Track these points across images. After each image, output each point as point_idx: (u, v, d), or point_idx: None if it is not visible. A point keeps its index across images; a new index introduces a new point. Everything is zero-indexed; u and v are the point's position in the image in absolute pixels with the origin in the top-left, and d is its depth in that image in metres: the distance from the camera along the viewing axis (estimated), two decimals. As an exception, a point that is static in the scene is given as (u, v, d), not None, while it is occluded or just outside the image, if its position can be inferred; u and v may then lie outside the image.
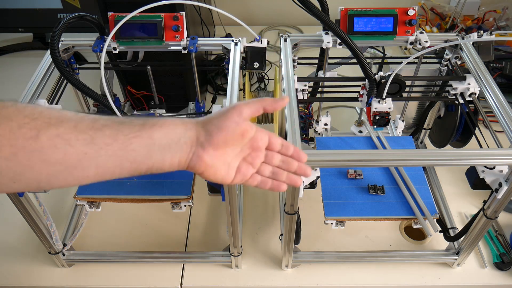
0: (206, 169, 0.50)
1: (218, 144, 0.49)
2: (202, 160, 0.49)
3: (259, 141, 0.53)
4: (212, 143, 0.49)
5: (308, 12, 0.72)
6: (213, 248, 0.94)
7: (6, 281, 0.89)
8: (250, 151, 0.53)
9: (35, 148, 0.40)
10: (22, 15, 1.42)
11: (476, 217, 0.77)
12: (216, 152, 0.50)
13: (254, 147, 0.53)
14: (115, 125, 0.45)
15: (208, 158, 0.49)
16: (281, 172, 0.55)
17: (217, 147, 0.49)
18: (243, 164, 0.53)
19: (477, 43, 0.84)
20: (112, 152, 0.44)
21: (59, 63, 0.72)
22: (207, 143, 0.49)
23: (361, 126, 1.03)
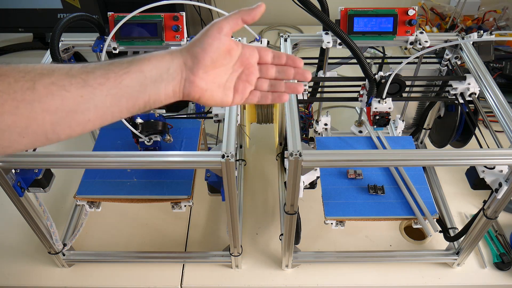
0: (202, 94, 0.50)
1: (206, 65, 0.49)
2: (195, 84, 0.49)
3: (248, 57, 0.53)
4: (200, 65, 0.49)
5: (308, 12, 0.72)
6: (213, 248, 0.94)
7: (6, 281, 0.89)
8: (243, 68, 0.53)
9: (33, 98, 0.42)
10: (22, 15, 1.42)
11: (476, 217, 0.77)
12: (207, 74, 0.50)
13: (245, 64, 0.53)
14: (105, 65, 0.46)
15: (201, 82, 0.49)
16: (279, 82, 0.55)
17: (206, 69, 0.50)
18: (239, 83, 0.53)
19: (477, 43, 0.84)
20: (106, 91, 0.45)
21: (59, 63, 0.72)
22: (196, 67, 0.49)
23: (361, 126, 1.03)
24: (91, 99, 0.45)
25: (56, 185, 0.69)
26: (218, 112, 0.76)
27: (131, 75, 0.46)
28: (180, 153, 0.68)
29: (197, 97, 0.50)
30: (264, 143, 1.19)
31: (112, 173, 0.86)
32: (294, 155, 0.62)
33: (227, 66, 0.52)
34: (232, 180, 0.67)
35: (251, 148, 1.18)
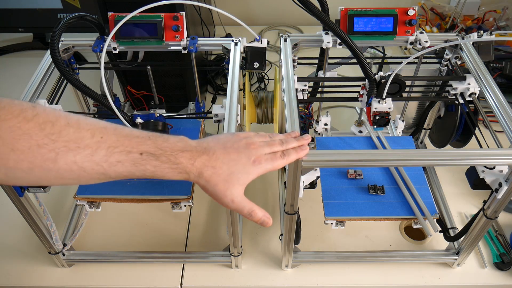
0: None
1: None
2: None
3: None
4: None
5: (308, 12, 0.72)
6: (213, 248, 0.94)
7: (7, 281, 0.89)
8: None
9: (52, 168, 0.45)
10: (22, 15, 1.42)
11: (476, 217, 0.77)
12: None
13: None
14: (129, 165, 0.49)
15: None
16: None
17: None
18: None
19: (477, 43, 0.84)
20: (122, 176, 0.50)
21: (59, 63, 0.72)
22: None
23: (361, 126, 1.03)
24: (106, 179, 0.49)
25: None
26: (218, 112, 0.76)
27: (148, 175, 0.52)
28: (180, 153, 0.68)
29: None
30: (264, 143, 1.19)
31: (112, 173, 0.85)
32: (294, 155, 0.62)
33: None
34: (232, 180, 0.67)
35: (251, 148, 1.18)
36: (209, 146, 0.55)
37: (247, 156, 0.56)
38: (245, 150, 0.56)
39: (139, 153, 0.49)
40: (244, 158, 0.55)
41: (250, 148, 0.57)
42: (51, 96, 0.83)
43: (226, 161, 0.54)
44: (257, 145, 0.57)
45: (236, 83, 0.76)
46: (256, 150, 0.57)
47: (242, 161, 0.55)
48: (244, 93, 0.96)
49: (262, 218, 0.59)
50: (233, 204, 0.56)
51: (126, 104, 1.03)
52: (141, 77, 1.05)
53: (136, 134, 0.51)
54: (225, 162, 0.54)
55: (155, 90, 0.90)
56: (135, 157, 0.49)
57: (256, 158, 0.56)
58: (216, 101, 1.30)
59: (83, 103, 0.97)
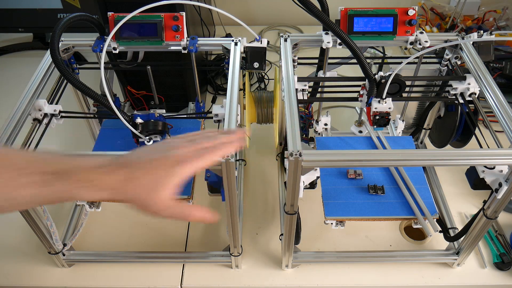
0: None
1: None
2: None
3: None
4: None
5: (308, 12, 0.72)
6: (213, 248, 0.94)
7: (7, 281, 0.89)
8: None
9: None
10: (22, 15, 1.42)
11: (476, 217, 0.77)
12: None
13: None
14: (38, 186, 0.46)
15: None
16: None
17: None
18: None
19: (477, 43, 0.84)
20: (34, 202, 0.48)
21: (59, 63, 0.72)
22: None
23: (361, 126, 1.03)
24: (16, 206, 0.48)
25: (56, 185, 0.70)
26: (218, 112, 0.76)
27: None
28: (180, 153, 0.68)
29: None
30: (264, 143, 1.19)
31: (112, 173, 0.85)
32: (294, 155, 0.62)
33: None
34: (232, 180, 0.67)
35: (251, 148, 1.18)
36: (128, 159, 0.52)
37: (171, 159, 0.52)
38: (167, 153, 0.53)
39: (46, 174, 0.46)
40: (167, 162, 0.52)
41: (172, 149, 0.54)
42: (51, 96, 0.83)
43: (148, 170, 0.51)
44: (180, 145, 0.55)
45: (236, 83, 0.76)
46: (179, 149, 0.54)
47: (165, 165, 0.52)
48: (244, 93, 0.96)
49: (203, 216, 0.56)
50: (168, 211, 0.52)
51: (126, 104, 1.03)
52: (141, 77, 1.05)
53: (42, 156, 0.49)
54: (147, 172, 0.50)
55: (155, 90, 0.90)
56: (41, 178, 0.46)
57: (179, 158, 0.53)
58: (216, 101, 1.30)
59: (83, 103, 0.97)
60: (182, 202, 0.54)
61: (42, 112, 0.78)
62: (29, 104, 0.76)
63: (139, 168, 0.50)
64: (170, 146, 0.54)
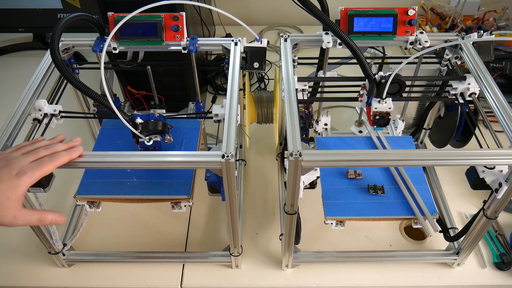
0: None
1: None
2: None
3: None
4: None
5: (308, 12, 0.72)
6: (213, 248, 0.94)
7: (6, 281, 0.89)
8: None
9: None
10: (22, 15, 1.42)
11: (476, 217, 0.77)
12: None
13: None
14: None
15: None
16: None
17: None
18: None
19: (477, 43, 0.84)
20: None
21: (59, 63, 0.72)
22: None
23: (361, 126, 1.03)
24: None
25: (56, 185, 0.69)
26: (218, 112, 0.76)
27: None
28: (180, 153, 0.68)
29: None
30: (264, 143, 1.19)
31: (112, 173, 0.85)
32: (294, 155, 0.62)
33: None
34: (232, 180, 0.67)
35: (251, 148, 1.18)
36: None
37: (9, 172, 0.55)
38: (4, 167, 0.56)
39: None
40: (5, 175, 0.55)
41: (9, 163, 0.57)
42: (51, 96, 0.83)
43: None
44: (17, 158, 0.58)
45: (236, 83, 0.76)
46: (17, 163, 0.57)
47: (4, 179, 0.55)
48: (244, 93, 0.96)
49: (53, 218, 0.60)
50: (18, 220, 0.56)
51: (126, 104, 1.03)
52: (141, 77, 1.05)
53: None
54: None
55: (155, 90, 0.90)
56: None
57: (19, 170, 0.56)
58: (216, 101, 1.30)
59: (83, 103, 0.97)
60: (32, 210, 0.60)
61: (42, 112, 0.78)
62: (29, 104, 0.76)
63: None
64: (9, 159, 0.58)
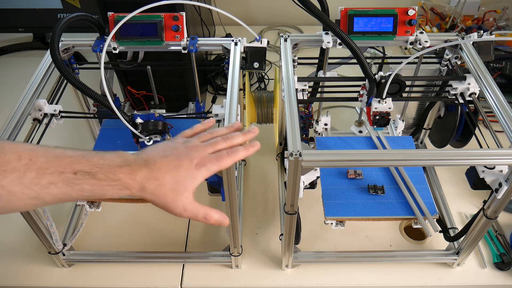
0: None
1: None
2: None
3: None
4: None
5: (308, 12, 0.72)
6: (213, 248, 0.94)
7: (6, 281, 0.89)
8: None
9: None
10: (22, 15, 1.42)
11: (476, 217, 0.77)
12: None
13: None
14: (63, 186, 0.47)
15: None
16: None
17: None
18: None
19: (477, 43, 0.84)
20: (58, 199, 0.48)
21: (59, 63, 0.72)
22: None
23: (361, 126, 1.03)
24: (40, 204, 0.48)
25: (56, 185, 0.70)
26: (218, 112, 0.76)
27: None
28: (180, 153, 0.68)
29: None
30: (264, 143, 1.18)
31: (112, 173, 0.85)
32: (294, 155, 0.62)
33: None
34: (232, 180, 0.67)
35: (251, 148, 1.18)
36: (149, 157, 0.52)
37: (189, 161, 0.53)
38: (186, 154, 0.54)
39: (73, 173, 0.47)
40: (186, 163, 0.53)
41: (191, 151, 0.54)
42: (51, 96, 0.83)
43: (169, 170, 0.52)
44: (198, 147, 0.55)
45: (236, 83, 0.76)
46: (198, 152, 0.55)
47: (184, 166, 0.53)
48: (244, 93, 0.96)
49: (219, 219, 0.58)
50: (186, 212, 0.54)
51: (126, 104, 1.03)
52: (141, 77, 1.05)
53: (69, 154, 0.49)
54: (167, 172, 0.51)
55: (155, 90, 0.90)
56: (68, 177, 0.47)
57: (199, 161, 0.54)
58: (216, 101, 1.30)
59: (83, 103, 0.97)
60: (201, 204, 0.55)
61: (42, 112, 0.78)
62: (29, 104, 0.76)
63: (161, 168, 0.51)
64: (190, 146, 0.55)
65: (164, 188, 0.51)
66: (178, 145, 0.55)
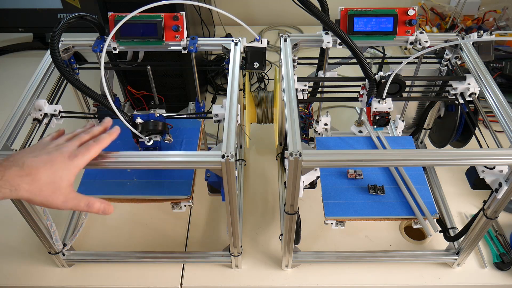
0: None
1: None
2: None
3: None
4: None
5: (308, 12, 0.72)
6: (213, 248, 0.94)
7: (6, 281, 0.89)
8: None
9: None
10: (22, 15, 1.42)
11: (476, 217, 0.77)
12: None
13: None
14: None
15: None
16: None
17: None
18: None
19: (477, 43, 0.84)
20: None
21: (59, 63, 0.72)
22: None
23: (361, 126, 1.03)
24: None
25: (56, 185, 0.70)
26: (218, 112, 0.76)
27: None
28: (180, 153, 0.68)
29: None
30: (264, 143, 1.19)
31: (112, 173, 0.85)
32: (294, 155, 0.62)
33: None
34: (232, 180, 0.67)
35: (251, 148, 1.18)
36: (17, 158, 0.54)
37: (60, 154, 0.56)
38: (55, 150, 0.57)
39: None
40: (58, 157, 0.56)
41: (60, 147, 0.58)
42: (51, 96, 0.83)
43: (41, 165, 0.54)
44: (65, 143, 0.59)
45: (236, 83, 0.76)
46: (67, 147, 0.58)
47: (57, 160, 0.55)
48: (244, 93, 0.96)
49: (101, 207, 0.59)
50: (68, 203, 0.56)
51: (126, 104, 1.03)
52: (141, 77, 1.05)
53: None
54: (40, 167, 0.53)
55: (155, 90, 0.90)
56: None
57: (70, 153, 0.57)
58: (216, 101, 1.30)
59: (83, 103, 0.97)
60: (82, 194, 0.57)
61: (42, 112, 0.78)
62: (29, 104, 0.76)
63: (33, 164, 0.53)
64: (57, 144, 0.59)
65: (40, 182, 0.52)
66: (44, 145, 0.59)
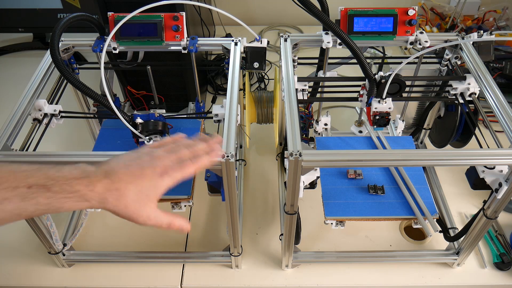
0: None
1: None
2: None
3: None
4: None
5: (308, 12, 0.72)
6: (213, 248, 0.94)
7: (6, 281, 0.89)
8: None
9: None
10: (22, 15, 1.42)
11: (476, 217, 0.77)
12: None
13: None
14: (17, 200, 0.46)
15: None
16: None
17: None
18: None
19: (477, 43, 0.84)
20: (14, 216, 0.47)
21: (59, 63, 0.72)
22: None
23: (361, 126, 1.03)
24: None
25: (56, 185, 0.69)
26: (218, 112, 0.76)
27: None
28: (180, 153, 0.68)
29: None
30: (264, 143, 1.19)
31: (112, 173, 0.85)
32: (294, 155, 0.62)
33: None
34: (232, 180, 0.67)
35: (251, 148, 1.18)
36: (110, 168, 0.51)
37: (152, 170, 0.53)
38: (148, 164, 0.53)
39: (27, 187, 0.46)
40: (149, 173, 0.52)
41: (154, 160, 0.54)
42: (51, 96, 0.83)
43: (131, 180, 0.51)
44: (161, 156, 0.55)
45: (236, 83, 0.76)
46: (161, 161, 0.54)
47: (147, 176, 0.52)
48: (244, 93, 0.96)
49: (180, 225, 0.58)
50: (151, 221, 0.54)
51: (126, 104, 1.03)
52: (141, 77, 1.05)
53: (24, 168, 0.48)
54: (129, 182, 0.51)
55: (155, 90, 0.90)
56: (22, 191, 0.46)
57: (162, 169, 0.53)
58: (216, 101, 1.30)
59: (83, 103, 0.97)
60: (165, 212, 0.55)
61: (42, 112, 0.78)
62: (29, 104, 0.76)
63: (123, 178, 0.51)
64: (153, 156, 0.55)
65: (126, 198, 0.50)
66: (142, 155, 0.55)
